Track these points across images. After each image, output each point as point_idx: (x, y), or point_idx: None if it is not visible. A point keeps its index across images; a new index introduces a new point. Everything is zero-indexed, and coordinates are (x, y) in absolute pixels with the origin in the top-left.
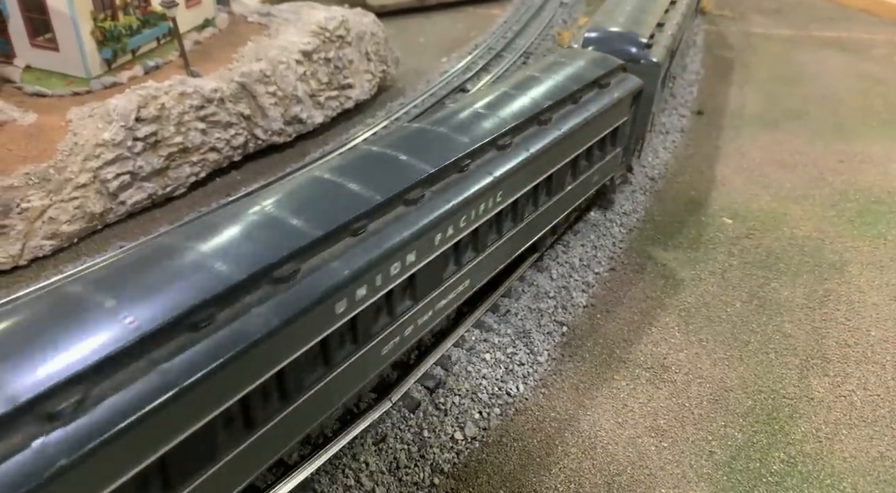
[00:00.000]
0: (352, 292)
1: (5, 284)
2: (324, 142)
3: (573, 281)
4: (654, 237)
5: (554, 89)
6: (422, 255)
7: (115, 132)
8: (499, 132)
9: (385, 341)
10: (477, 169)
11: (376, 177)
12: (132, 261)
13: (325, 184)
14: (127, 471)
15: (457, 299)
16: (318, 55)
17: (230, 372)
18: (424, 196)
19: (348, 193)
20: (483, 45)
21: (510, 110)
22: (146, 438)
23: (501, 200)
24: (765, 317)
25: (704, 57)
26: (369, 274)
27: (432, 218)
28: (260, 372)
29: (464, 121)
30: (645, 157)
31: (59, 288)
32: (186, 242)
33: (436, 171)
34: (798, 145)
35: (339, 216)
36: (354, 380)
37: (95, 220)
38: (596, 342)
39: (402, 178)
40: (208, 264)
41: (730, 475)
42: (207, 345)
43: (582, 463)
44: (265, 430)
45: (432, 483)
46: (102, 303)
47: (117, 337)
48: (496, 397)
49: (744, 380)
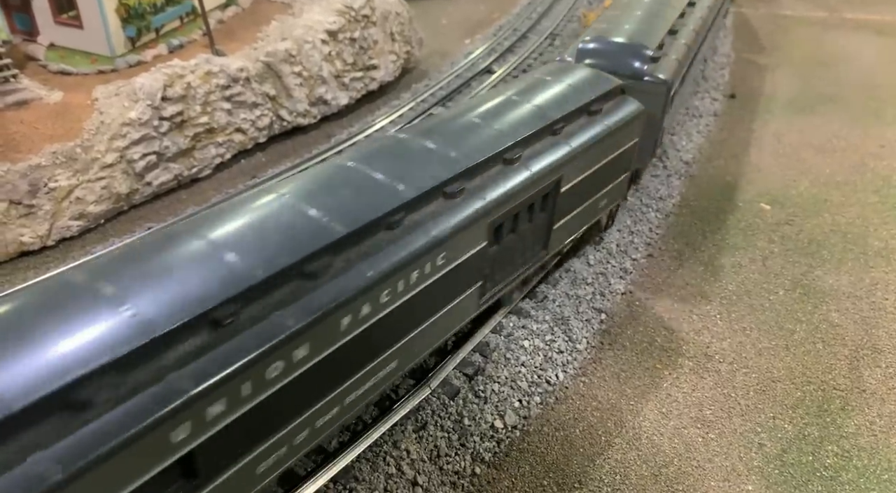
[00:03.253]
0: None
1: (34, 264)
2: (349, 124)
3: (610, 267)
4: (691, 223)
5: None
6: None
7: (141, 111)
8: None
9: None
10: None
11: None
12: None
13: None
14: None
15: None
16: (343, 35)
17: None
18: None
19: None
20: (507, 26)
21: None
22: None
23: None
24: (810, 305)
25: (734, 40)
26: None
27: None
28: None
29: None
30: (678, 140)
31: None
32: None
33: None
34: (835, 130)
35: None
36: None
37: (122, 201)
38: (636, 330)
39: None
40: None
41: (781, 468)
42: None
43: (627, 454)
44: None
45: (473, 472)
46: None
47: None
48: (536, 385)
49: (791, 370)
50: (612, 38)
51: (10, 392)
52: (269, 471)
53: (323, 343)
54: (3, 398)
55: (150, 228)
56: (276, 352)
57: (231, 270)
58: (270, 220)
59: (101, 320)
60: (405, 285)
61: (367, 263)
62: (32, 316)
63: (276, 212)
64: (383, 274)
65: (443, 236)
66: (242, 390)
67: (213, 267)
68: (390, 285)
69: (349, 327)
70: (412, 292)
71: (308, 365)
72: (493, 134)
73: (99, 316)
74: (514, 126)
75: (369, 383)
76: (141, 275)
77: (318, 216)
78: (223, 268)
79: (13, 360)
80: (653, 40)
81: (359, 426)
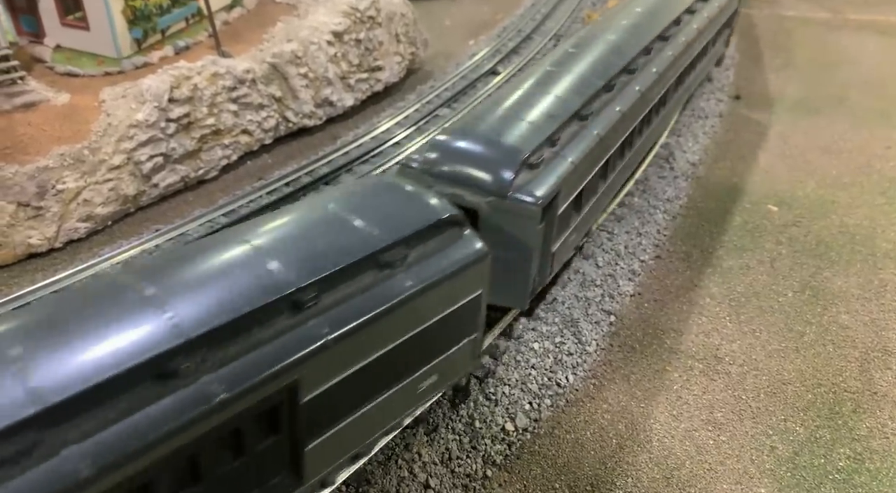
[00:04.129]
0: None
1: (42, 266)
2: (354, 125)
3: (619, 269)
4: (699, 224)
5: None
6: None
7: (148, 113)
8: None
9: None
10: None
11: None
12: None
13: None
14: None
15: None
16: (348, 36)
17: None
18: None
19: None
20: (511, 27)
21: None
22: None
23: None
24: (819, 307)
25: (738, 41)
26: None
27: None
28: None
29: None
30: (685, 142)
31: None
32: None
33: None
34: (841, 131)
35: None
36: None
37: (129, 202)
38: (645, 332)
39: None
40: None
41: (794, 471)
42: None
43: (638, 456)
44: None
45: (485, 475)
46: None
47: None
48: (546, 387)
49: (802, 373)
50: (478, 131)
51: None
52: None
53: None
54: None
55: (157, 229)
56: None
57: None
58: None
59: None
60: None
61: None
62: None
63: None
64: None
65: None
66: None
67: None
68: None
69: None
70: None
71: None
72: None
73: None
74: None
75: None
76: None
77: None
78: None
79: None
80: (535, 136)
81: None
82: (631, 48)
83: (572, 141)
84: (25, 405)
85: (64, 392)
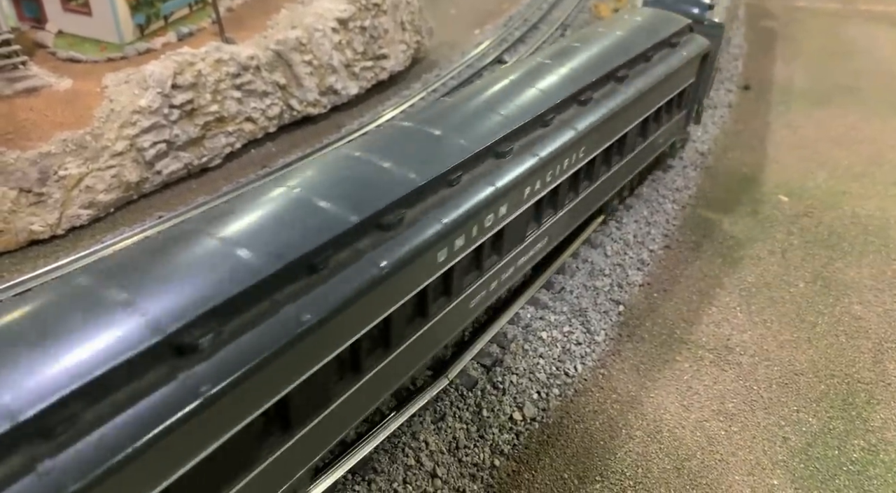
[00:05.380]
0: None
1: (44, 253)
2: (359, 114)
3: (628, 259)
4: (708, 214)
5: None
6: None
7: (151, 99)
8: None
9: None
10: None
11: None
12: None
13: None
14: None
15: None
16: (353, 23)
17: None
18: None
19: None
20: (517, 16)
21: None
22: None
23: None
24: (831, 298)
25: (747, 31)
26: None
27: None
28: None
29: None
30: (693, 131)
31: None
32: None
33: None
34: (852, 122)
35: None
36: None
37: (131, 189)
38: (654, 322)
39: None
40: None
41: (807, 462)
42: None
43: (648, 447)
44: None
45: (493, 465)
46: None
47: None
48: (554, 376)
49: (814, 363)
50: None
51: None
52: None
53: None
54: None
55: (160, 216)
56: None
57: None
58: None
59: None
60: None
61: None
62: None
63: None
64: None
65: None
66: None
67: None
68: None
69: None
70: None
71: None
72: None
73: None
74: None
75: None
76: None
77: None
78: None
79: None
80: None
81: (377, 417)
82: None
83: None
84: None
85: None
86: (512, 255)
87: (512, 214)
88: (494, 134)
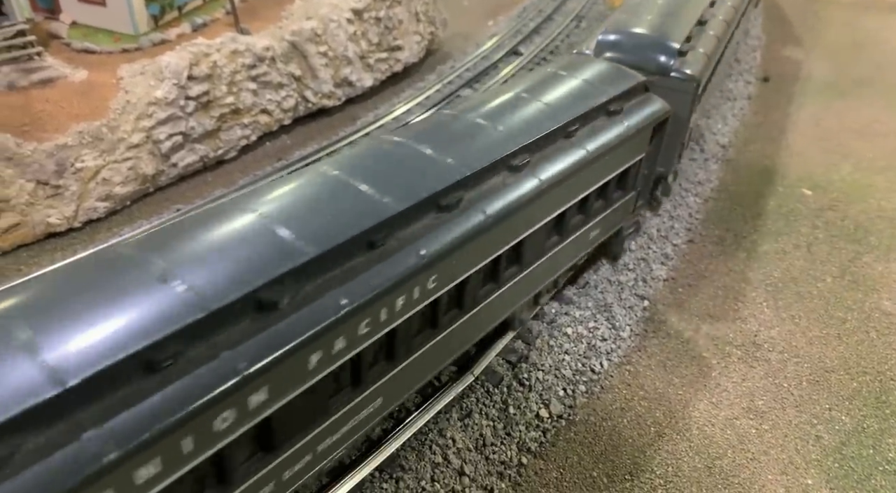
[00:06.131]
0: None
1: (61, 246)
2: (374, 106)
3: (651, 253)
4: (731, 208)
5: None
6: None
7: (167, 90)
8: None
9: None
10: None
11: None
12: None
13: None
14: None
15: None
16: (368, 14)
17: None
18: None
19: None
20: (531, 7)
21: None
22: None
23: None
24: (860, 293)
25: (765, 22)
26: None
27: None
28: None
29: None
30: (714, 124)
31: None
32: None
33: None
34: (875, 114)
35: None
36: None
37: (147, 182)
38: (680, 318)
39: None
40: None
41: (841, 461)
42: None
43: (678, 445)
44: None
45: (520, 463)
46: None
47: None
48: (580, 373)
49: (845, 360)
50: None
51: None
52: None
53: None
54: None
55: (178, 209)
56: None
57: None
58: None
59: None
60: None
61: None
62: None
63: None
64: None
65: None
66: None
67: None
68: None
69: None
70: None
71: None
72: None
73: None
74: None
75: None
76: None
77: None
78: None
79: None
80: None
81: (402, 413)
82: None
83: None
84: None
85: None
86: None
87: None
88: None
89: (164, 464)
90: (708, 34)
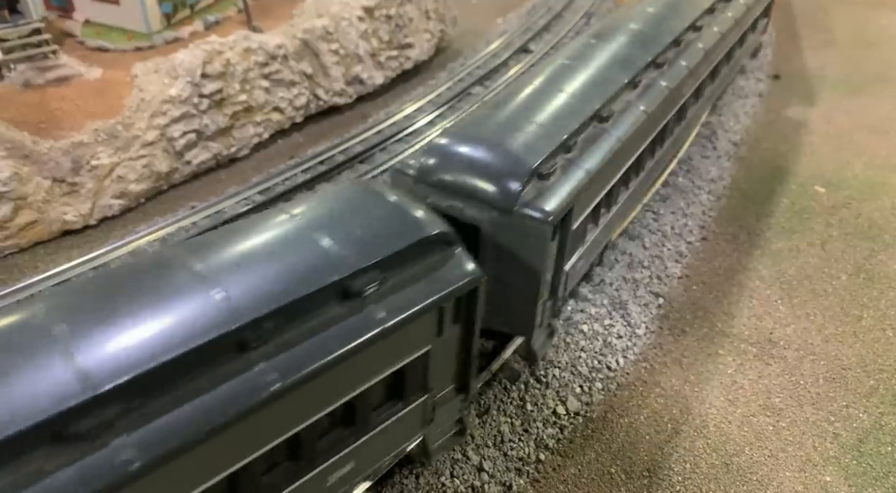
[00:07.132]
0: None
1: (77, 244)
2: (384, 104)
3: (666, 250)
4: (744, 206)
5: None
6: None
7: (181, 88)
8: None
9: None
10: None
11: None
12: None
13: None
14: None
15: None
16: (379, 12)
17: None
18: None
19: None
20: (541, 4)
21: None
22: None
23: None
24: (875, 291)
25: (775, 20)
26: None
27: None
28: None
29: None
30: (726, 121)
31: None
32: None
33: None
34: (888, 111)
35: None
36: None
37: (162, 180)
38: (695, 315)
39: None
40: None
41: (859, 459)
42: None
43: (695, 442)
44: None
45: (538, 459)
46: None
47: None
48: (596, 370)
49: (862, 358)
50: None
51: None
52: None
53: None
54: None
55: (193, 206)
56: None
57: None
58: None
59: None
60: None
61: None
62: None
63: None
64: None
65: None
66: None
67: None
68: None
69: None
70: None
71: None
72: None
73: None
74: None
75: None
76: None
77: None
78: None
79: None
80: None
81: None
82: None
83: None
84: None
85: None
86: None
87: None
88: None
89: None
90: (608, 137)
